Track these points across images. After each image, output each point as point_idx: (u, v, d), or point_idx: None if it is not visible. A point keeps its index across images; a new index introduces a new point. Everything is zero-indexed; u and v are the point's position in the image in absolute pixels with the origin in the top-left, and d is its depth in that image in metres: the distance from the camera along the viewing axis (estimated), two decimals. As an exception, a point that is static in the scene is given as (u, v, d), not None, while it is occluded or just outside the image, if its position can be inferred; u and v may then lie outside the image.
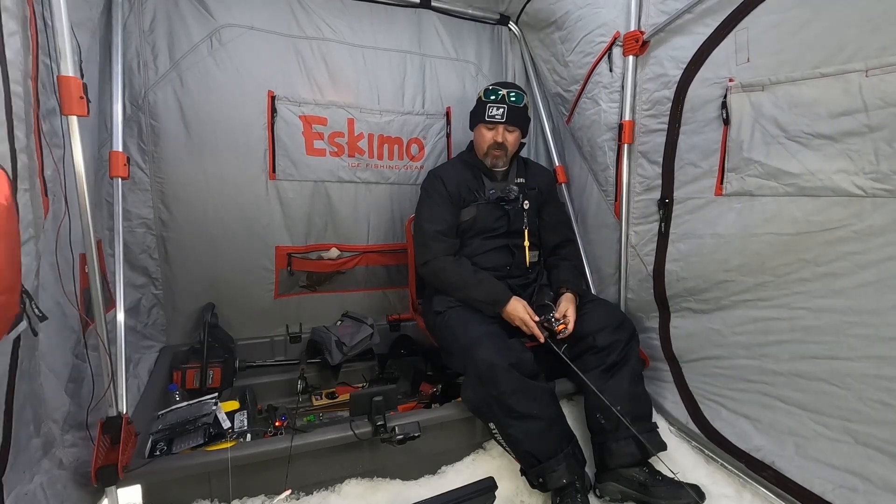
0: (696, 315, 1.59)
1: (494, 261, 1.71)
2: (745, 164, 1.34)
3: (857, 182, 1.10)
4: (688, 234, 1.56)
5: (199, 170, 1.81)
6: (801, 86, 1.19)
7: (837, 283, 1.18)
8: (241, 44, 1.81)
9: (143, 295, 1.81)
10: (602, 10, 1.74)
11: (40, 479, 0.99)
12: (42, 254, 1.01)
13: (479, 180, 1.73)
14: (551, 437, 1.36)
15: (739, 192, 1.37)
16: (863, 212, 1.10)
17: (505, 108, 1.64)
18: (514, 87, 1.70)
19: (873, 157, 1.06)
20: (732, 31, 1.35)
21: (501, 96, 1.65)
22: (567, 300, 1.62)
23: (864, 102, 1.06)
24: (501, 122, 1.64)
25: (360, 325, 2.00)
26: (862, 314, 1.14)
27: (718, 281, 1.46)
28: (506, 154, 1.69)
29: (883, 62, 1.02)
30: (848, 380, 1.17)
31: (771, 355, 1.35)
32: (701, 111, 1.47)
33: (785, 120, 1.23)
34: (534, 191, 1.77)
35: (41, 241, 1.01)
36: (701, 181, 1.49)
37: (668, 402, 1.66)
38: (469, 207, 1.70)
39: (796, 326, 1.28)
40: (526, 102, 1.70)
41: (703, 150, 1.47)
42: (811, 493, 1.20)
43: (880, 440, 1.11)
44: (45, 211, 1.02)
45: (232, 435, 1.36)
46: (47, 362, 1.06)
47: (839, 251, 1.16)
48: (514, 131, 1.69)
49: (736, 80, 1.35)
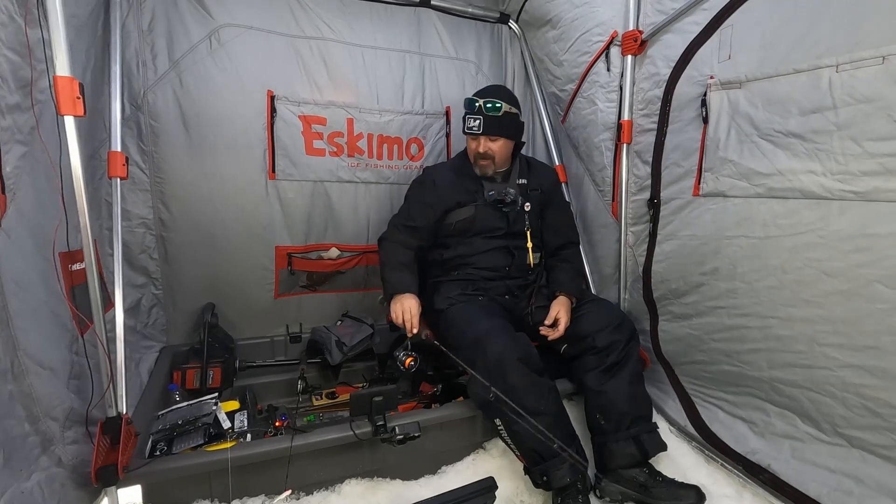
0: (678, 320, 1.58)
1: (494, 261, 1.70)
2: (721, 164, 1.32)
3: (824, 184, 1.08)
4: (671, 235, 1.55)
5: (199, 170, 1.80)
6: (776, 82, 1.17)
7: (806, 291, 1.16)
8: (240, 44, 1.81)
9: (143, 295, 1.81)
10: (599, 9, 1.73)
11: (38, 477, 0.99)
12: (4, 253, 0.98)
13: (477, 182, 1.71)
14: (556, 435, 1.35)
15: (714, 192, 1.36)
16: (829, 215, 1.08)
17: (481, 119, 1.60)
18: (492, 96, 1.62)
19: (841, 157, 1.05)
20: (719, 29, 1.33)
21: (478, 107, 1.61)
22: (559, 303, 1.62)
23: (833, 99, 1.05)
24: (479, 134, 1.62)
25: (360, 325, 2.00)
26: (834, 323, 1.11)
27: (696, 284, 1.45)
28: (493, 162, 1.66)
29: (853, 57, 1.01)
30: (829, 388, 1.15)
31: (751, 363, 1.34)
32: (685, 110, 1.46)
33: (759, 118, 1.22)
34: (536, 192, 1.75)
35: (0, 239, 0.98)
36: (682, 181, 1.48)
37: (668, 404, 1.66)
38: (466, 207, 1.69)
39: (769, 335, 1.27)
40: (508, 109, 1.62)
41: (685, 149, 1.46)
42: (807, 497, 1.19)
43: (873, 444, 1.10)
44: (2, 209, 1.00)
45: (232, 435, 1.36)
46: (38, 360, 1.05)
47: (805, 257, 1.14)
48: (497, 140, 1.64)
49: (716, 78, 1.33)
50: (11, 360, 0.98)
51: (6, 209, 1.01)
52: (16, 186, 1.04)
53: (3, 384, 0.94)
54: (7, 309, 0.96)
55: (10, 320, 0.97)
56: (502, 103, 1.61)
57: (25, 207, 1.08)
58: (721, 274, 1.36)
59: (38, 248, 1.10)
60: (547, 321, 1.57)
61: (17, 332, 0.99)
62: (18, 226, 1.04)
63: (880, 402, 1.06)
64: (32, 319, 1.05)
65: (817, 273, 1.12)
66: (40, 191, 1.12)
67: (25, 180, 1.07)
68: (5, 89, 1.00)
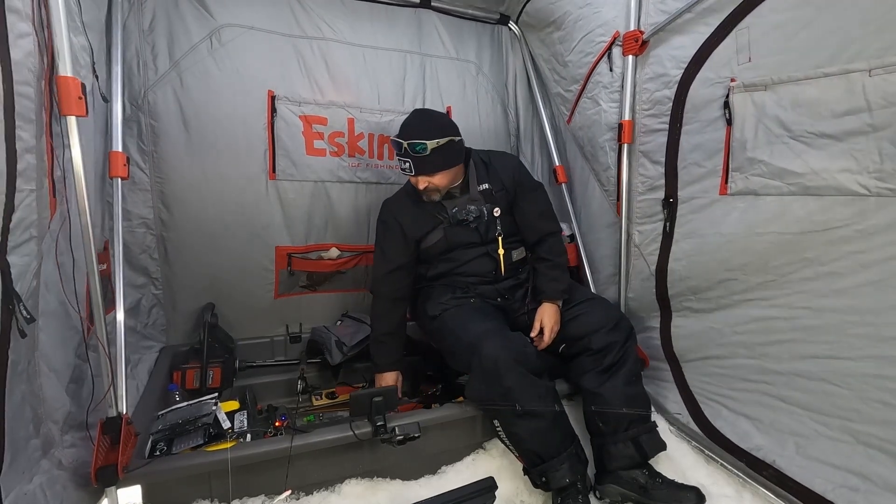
0: (696, 314, 1.58)
1: (479, 268, 1.67)
2: (750, 164, 1.34)
3: (860, 181, 1.10)
4: (691, 233, 1.55)
5: (199, 170, 1.80)
6: (804, 85, 1.19)
7: (839, 282, 1.18)
8: (240, 44, 1.81)
9: (143, 295, 1.80)
10: (602, 9, 1.74)
11: (40, 480, 0.99)
12: (45, 254, 1.00)
13: (438, 203, 1.65)
14: (555, 435, 1.35)
15: (744, 191, 1.37)
16: (866, 211, 1.10)
17: (410, 161, 1.52)
18: (416, 136, 1.50)
19: (877, 157, 1.06)
20: (733, 31, 1.35)
21: (404, 150, 1.51)
22: (543, 311, 1.59)
23: (868, 102, 1.06)
24: (413, 175, 1.56)
25: (360, 325, 2.00)
26: (863, 314, 1.13)
27: (721, 280, 1.46)
28: (438, 191, 1.60)
29: (886, 62, 1.02)
30: (849, 379, 1.17)
31: (771, 355, 1.35)
32: (703, 111, 1.47)
33: (788, 119, 1.23)
34: (501, 191, 1.68)
35: (45, 241, 1.00)
36: (705, 181, 1.49)
37: (669, 402, 1.66)
38: (435, 231, 1.65)
39: (797, 326, 1.28)
40: (435, 145, 1.49)
41: (707, 149, 1.47)
42: (812, 493, 1.20)
43: (881, 440, 1.11)
44: (52, 212, 1.02)
45: (232, 435, 1.35)
46: (48, 362, 1.06)
47: (842, 250, 1.16)
48: (435, 174, 1.55)
49: (738, 80, 1.34)
50: (29, 360, 0.98)
51: (55, 212, 1.03)
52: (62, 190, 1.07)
53: (18, 385, 0.94)
54: (37, 309, 0.97)
55: (36, 321, 0.97)
56: (426, 143, 1.49)
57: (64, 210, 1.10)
58: (751, 268, 1.37)
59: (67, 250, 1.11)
60: (532, 333, 1.56)
61: (39, 333, 1.00)
62: (57, 229, 1.07)
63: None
64: (50, 321, 1.06)
65: (854, 265, 1.14)
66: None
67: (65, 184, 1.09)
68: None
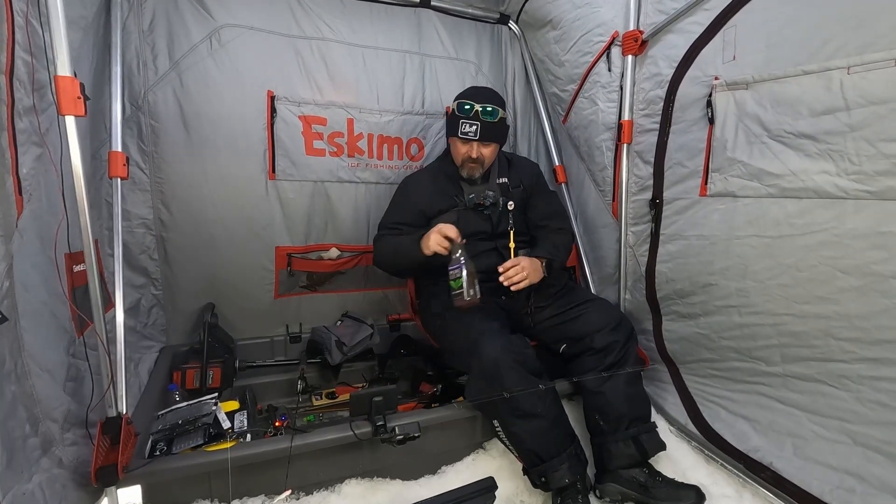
0: (684, 319, 1.58)
1: (484, 263, 1.67)
2: (729, 165, 1.32)
3: (838, 183, 1.08)
4: (675, 235, 1.54)
5: (199, 170, 1.80)
6: (784, 83, 1.17)
7: (820, 289, 1.16)
8: (240, 44, 1.81)
9: (143, 295, 1.80)
10: (600, 9, 1.73)
11: (39, 479, 0.99)
12: (17, 254, 0.98)
13: (457, 186, 1.70)
14: (554, 436, 1.35)
15: (723, 192, 1.35)
16: (844, 214, 1.09)
17: (478, 125, 1.56)
18: (488, 100, 1.59)
19: (855, 158, 1.05)
20: (721, 29, 1.33)
21: (475, 113, 1.57)
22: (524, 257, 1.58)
23: (846, 100, 1.05)
24: (475, 140, 1.60)
25: (360, 325, 2.00)
26: (850, 318, 1.12)
27: (704, 284, 1.45)
28: (482, 166, 1.66)
29: (865, 59, 1.01)
30: (844, 381, 1.16)
31: (763, 358, 1.35)
32: (689, 110, 1.45)
33: (768, 119, 1.22)
34: (518, 188, 1.74)
35: (14, 240, 0.98)
36: (688, 181, 1.48)
37: (668, 404, 1.66)
38: (449, 213, 1.68)
39: (783, 332, 1.27)
40: (502, 114, 1.61)
41: (690, 149, 1.46)
42: (809, 495, 1.20)
43: (878, 441, 1.10)
44: (19, 210, 1.00)
45: (232, 435, 1.35)
46: (38, 362, 1.05)
47: (819, 255, 1.14)
48: (489, 145, 1.62)
49: (721, 79, 1.33)
50: (16, 361, 0.98)
51: (22, 210, 1.01)
52: (31, 188, 1.04)
53: (7, 385, 0.94)
54: (17, 310, 0.97)
55: (17, 321, 0.97)
56: (499, 109, 1.59)
57: (38, 209, 1.08)
58: (731, 273, 1.36)
59: (44, 250, 1.10)
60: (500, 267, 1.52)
61: (23, 333, 0.99)
62: (30, 228, 1.05)
63: (894, 394, 1.07)
64: (34, 321, 1.05)
65: (832, 270, 1.13)
66: (49, 192, 1.12)
67: (40, 182, 1.08)
68: (22, 91, 1.00)
